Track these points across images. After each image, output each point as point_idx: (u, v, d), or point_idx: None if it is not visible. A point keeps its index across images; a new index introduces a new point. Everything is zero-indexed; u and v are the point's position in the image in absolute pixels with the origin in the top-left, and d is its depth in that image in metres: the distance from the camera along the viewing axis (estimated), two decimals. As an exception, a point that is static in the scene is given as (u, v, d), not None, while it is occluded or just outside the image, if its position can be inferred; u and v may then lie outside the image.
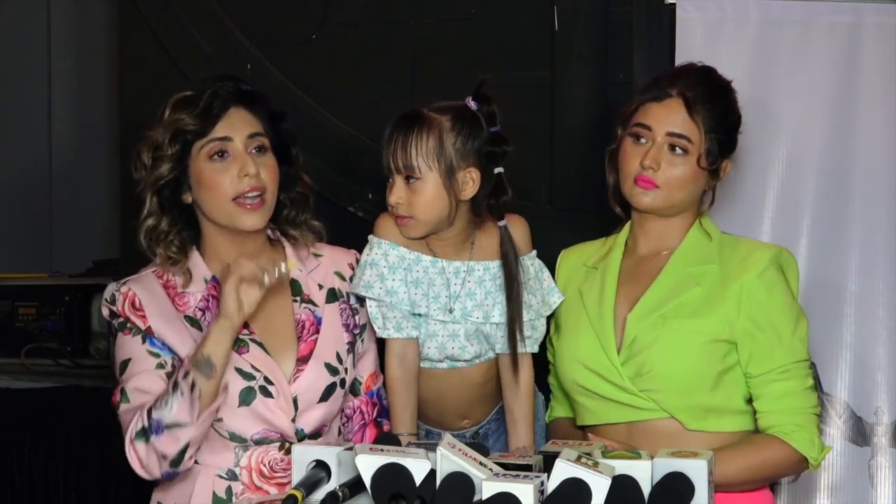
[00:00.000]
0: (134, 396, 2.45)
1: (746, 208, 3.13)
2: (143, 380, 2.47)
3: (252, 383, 2.50)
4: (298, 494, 2.00)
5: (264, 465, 2.51)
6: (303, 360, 2.55)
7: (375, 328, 2.64)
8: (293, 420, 2.52)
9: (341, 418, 2.67)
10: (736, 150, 2.63)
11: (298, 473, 2.13)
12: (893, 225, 3.19)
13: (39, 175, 5.19)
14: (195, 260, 2.57)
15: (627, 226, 2.66)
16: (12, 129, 5.17)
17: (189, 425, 2.37)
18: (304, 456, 2.15)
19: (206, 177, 2.51)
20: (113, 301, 2.54)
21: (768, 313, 2.50)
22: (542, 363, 2.75)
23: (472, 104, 2.60)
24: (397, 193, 2.59)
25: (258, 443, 2.51)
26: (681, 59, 3.15)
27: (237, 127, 2.52)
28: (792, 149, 3.21)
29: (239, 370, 2.50)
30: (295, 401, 2.52)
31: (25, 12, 5.18)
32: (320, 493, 2.05)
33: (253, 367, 2.51)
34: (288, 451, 2.49)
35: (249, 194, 2.50)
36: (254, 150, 2.52)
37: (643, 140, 2.53)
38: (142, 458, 2.41)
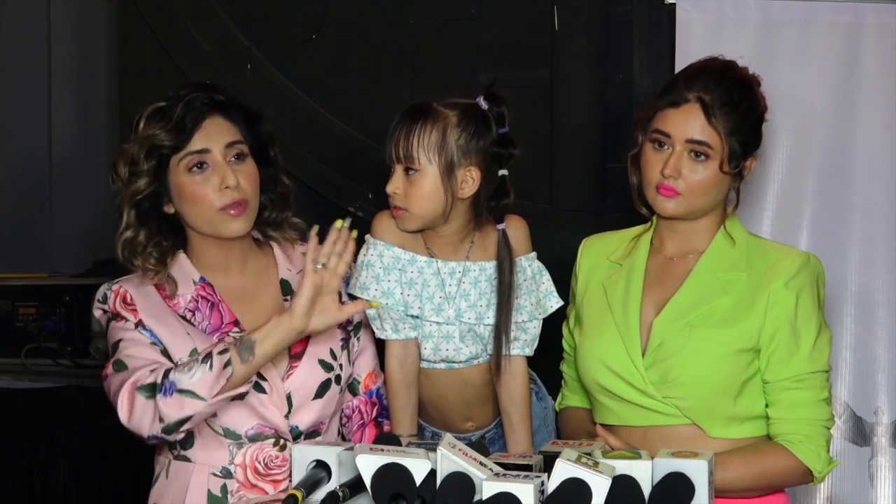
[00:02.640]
0: (130, 362, 2.44)
1: (746, 208, 3.12)
2: (139, 350, 2.46)
3: None
4: (298, 494, 2.00)
5: (259, 463, 2.51)
6: (296, 357, 2.55)
7: (374, 329, 2.63)
8: (287, 417, 2.52)
9: (341, 418, 2.66)
10: (761, 145, 2.57)
11: (298, 473, 2.13)
12: (893, 225, 3.19)
13: (39, 175, 5.18)
14: (182, 263, 2.57)
15: (653, 223, 2.62)
16: (12, 129, 5.16)
17: (203, 399, 2.36)
18: (304, 456, 2.15)
19: (188, 189, 2.50)
20: (105, 300, 2.55)
21: (792, 321, 2.47)
22: (556, 352, 2.74)
23: (483, 103, 2.59)
24: (395, 183, 2.58)
25: (253, 439, 2.51)
26: (681, 58, 3.15)
27: (214, 137, 2.51)
28: (792, 148, 3.21)
29: None
30: (289, 398, 2.52)
31: (25, 12, 5.18)
32: (320, 493, 2.05)
33: None
34: (283, 448, 2.51)
35: (232, 205, 2.50)
36: (232, 159, 2.51)
37: (664, 146, 2.50)
38: (136, 409, 2.38)
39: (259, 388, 2.50)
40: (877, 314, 3.19)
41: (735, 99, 2.49)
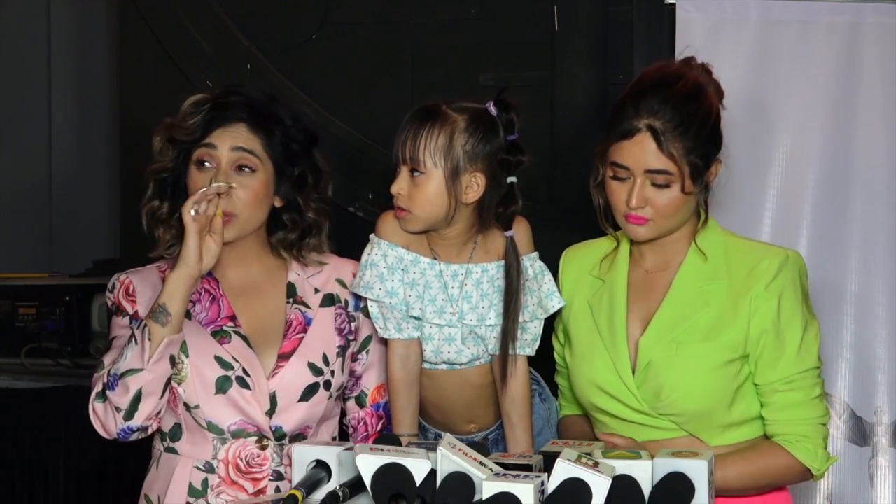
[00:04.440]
0: (107, 364, 2.53)
1: (746, 208, 3.13)
2: (117, 351, 2.54)
3: (230, 373, 2.52)
4: (298, 494, 2.00)
5: (241, 460, 2.53)
6: (284, 357, 2.56)
7: (377, 328, 2.63)
8: (268, 414, 2.53)
9: (347, 428, 2.68)
10: (723, 145, 2.50)
11: (299, 473, 2.13)
12: (893, 225, 3.19)
13: (40, 175, 5.19)
14: None
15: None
16: (12, 130, 5.17)
17: (140, 370, 2.44)
18: (304, 456, 2.15)
19: (190, 181, 2.55)
20: (112, 289, 2.62)
21: (776, 324, 2.46)
22: (551, 360, 2.73)
23: (493, 109, 2.57)
24: (399, 184, 2.58)
25: (235, 435, 2.53)
26: (680, 59, 3.15)
27: (225, 141, 2.53)
28: (792, 149, 3.21)
29: (218, 359, 2.53)
30: (274, 397, 2.53)
31: (25, 12, 5.18)
32: (320, 493, 2.05)
33: (233, 357, 2.53)
34: (264, 447, 2.53)
35: None
36: (235, 168, 2.53)
37: (624, 178, 2.46)
38: (100, 416, 2.49)
39: (243, 384, 2.52)
40: (877, 314, 3.19)
41: (686, 117, 2.42)
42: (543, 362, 2.73)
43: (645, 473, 2.04)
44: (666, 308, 2.50)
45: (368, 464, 2.00)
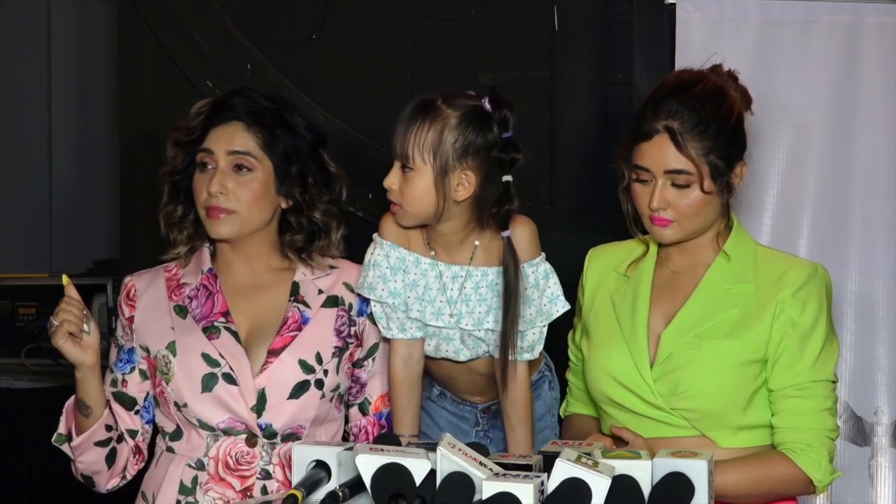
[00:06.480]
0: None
1: (746, 208, 3.13)
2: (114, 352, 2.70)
3: (216, 370, 2.54)
4: (298, 494, 2.00)
5: (230, 457, 2.54)
6: (273, 353, 2.56)
7: (380, 328, 2.62)
8: (255, 411, 2.53)
9: (349, 436, 2.68)
10: (747, 148, 2.52)
11: (298, 473, 2.13)
12: (893, 225, 3.19)
13: (40, 175, 5.19)
14: (203, 253, 2.64)
15: None
16: (12, 128, 5.17)
17: (73, 461, 2.61)
18: (304, 456, 2.15)
19: (194, 183, 2.58)
20: (119, 292, 2.67)
21: (798, 330, 2.46)
22: (564, 352, 2.73)
23: (488, 105, 2.53)
24: (391, 178, 2.55)
25: (226, 432, 2.54)
26: (681, 58, 3.15)
27: (221, 141, 2.55)
28: (792, 149, 3.21)
29: (205, 355, 2.54)
30: (263, 393, 2.54)
31: (25, 12, 5.19)
32: (320, 493, 2.05)
33: (220, 354, 2.54)
34: (253, 445, 2.54)
35: (211, 209, 2.55)
36: (233, 168, 2.55)
37: (647, 181, 2.47)
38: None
39: (229, 380, 2.53)
40: (877, 314, 3.19)
41: (704, 117, 2.43)
42: (561, 353, 2.73)
43: (645, 473, 2.04)
44: (692, 305, 2.51)
45: (368, 464, 2.00)
